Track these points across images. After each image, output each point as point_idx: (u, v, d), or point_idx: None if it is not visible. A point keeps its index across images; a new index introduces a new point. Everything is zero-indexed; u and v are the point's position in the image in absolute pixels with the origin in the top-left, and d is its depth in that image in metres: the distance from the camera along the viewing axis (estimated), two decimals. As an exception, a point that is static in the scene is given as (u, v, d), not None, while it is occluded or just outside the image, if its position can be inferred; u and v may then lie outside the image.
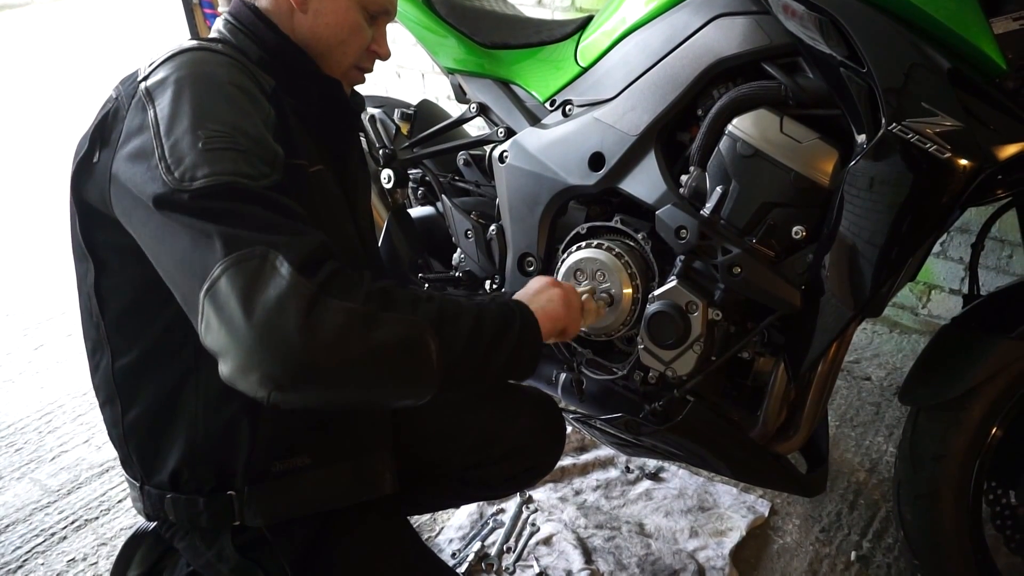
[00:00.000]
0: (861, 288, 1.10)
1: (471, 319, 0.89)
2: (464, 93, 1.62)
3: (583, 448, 1.94)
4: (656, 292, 1.25)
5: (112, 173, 0.86)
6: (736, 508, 1.74)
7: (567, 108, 1.41)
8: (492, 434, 1.31)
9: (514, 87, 1.53)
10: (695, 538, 1.66)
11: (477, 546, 1.64)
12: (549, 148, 1.39)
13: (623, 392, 1.43)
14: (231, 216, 0.79)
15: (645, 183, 1.28)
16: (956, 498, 1.25)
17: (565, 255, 1.38)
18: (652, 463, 1.88)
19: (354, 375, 0.79)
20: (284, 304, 0.74)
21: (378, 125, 1.80)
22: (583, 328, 1.18)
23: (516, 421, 1.33)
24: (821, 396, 1.28)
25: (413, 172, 1.76)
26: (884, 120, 1.01)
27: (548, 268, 1.45)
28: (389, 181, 1.72)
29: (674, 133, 1.31)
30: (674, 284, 1.23)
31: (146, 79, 0.88)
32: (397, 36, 1.21)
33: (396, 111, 1.77)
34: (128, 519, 1.79)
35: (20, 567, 1.68)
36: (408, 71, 3.26)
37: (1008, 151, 0.98)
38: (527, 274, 1.47)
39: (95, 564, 1.68)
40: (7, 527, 1.79)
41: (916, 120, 0.99)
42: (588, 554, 1.60)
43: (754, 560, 1.63)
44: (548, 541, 1.65)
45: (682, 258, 1.24)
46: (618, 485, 1.82)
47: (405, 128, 1.76)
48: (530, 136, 1.43)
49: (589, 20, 1.50)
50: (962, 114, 0.97)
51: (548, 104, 1.46)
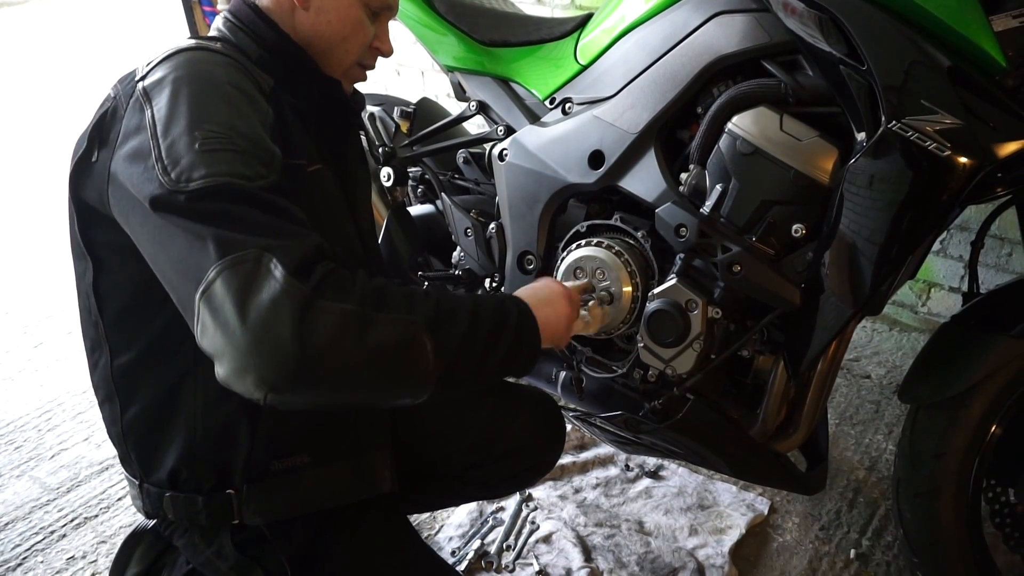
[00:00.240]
0: (861, 286, 1.10)
1: (467, 315, 0.89)
2: (464, 91, 1.62)
3: (583, 446, 1.94)
4: (656, 290, 1.25)
5: (110, 173, 0.86)
6: (736, 506, 1.74)
7: (567, 106, 1.41)
8: (492, 433, 1.31)
9: (514, 85, 1.53)
10: (695, 536, 1.66)
11: (477, 544, 1.64)
12: (549, 146, 1.39)
13: (623, 390, 1.43)
14: (227, 218, 0.79)
15: (645, 181, 1.28)
16: (955, 496, 1.25)
17: (565, 253, 1.37)
18: (652, 461, 1.88)
19: (350, 376, 0.79)
20: (278, 307, 0.74)
21: (378, 123, 1.80)
22: (590, 332, 1.18)
23: (516, 420, 1.33)
24: (821, 394, 1.28)
25: (413, 170, 1.76)
26: (884, 118, 1.00)
27: (548, 266, 1.45)
28: (389, 179, 1.72)
29: (674, 131, 1.31)
30: (674, 282, 1.23)
31: (144, 79, 0.88)
32: (397, 34, 1.21)
33: (396, 109, 1.77)
34: (128, 517, 1.79)
35: (20, 564, 1.68)
36: (408, 69, 3.26)
37: (1008, 149, 0.97)
38: (527, 272, 1.47)
39: (95, 562, 1.68)
40: (7, 525, 1.79)
41: (916, 118, 0.98)
42: (588, 552, 1.61)
43: (753, 558, 1.63)
44: (548, 539, 1.65)
45: (682, 256, 1.24)
46: (618, 483, 1.82)
47: (405, 126, 1.76)
48: (530, 134, 1.43)
49: (589, 18, 1.49)
50: (962, 112, 0.97)
51: (548, 102, 1.45)
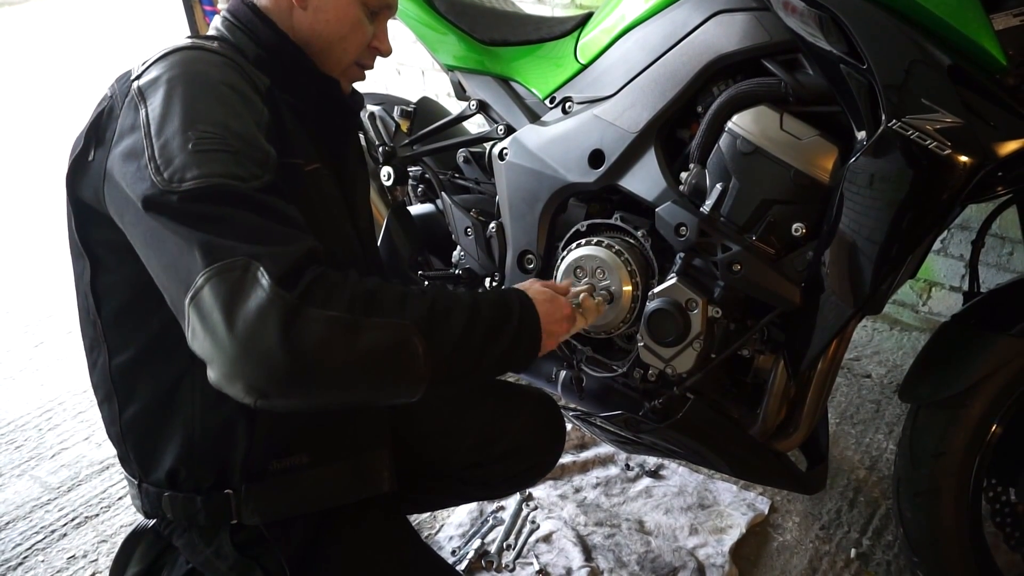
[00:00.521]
0: (861, 285, 1.10)
1: (465, 312, 0.88)
2: (464, 90, 1.62)
3: (583, 445, 1.94)
4: (656, 289, 1.25)
5: (106, 171, 0.86)
6: (736, 505, 1.74)
7: (567, 105, 1.41)
8: (492, 433, 1.31)
9: (514, 84, 1.53)
10: (695, 535, 1.66)
11: (477, 543, 1.64)
12: (549, 145, 1.39)
13: (623, 389, 1.43)
14: (218, 222, 0.79)
15: (645, 180, 1.28)
16: (956, 495, 1.25)
17: (565, 252, 1.37)
18: (652, 460, 1.87)
19: (340, 382, 0.79)
20: (264, 316, 0.74)
21: (378, 122, 1.80)
22: (584, 327, 1.17)
23: (516, 419, 1.33)
24: (821, 393, 1.28)
25: (413, 169, 1.76)
26: (884, 117, 1.00)
27: (548, 265, 1.45)
28: (389, 179, 1.72)
29: (674, 130, 1.31)
30: (674, 281, 1.23)
31: (139, 78, 0.88)
32: (397, 33, 1.21)
33: (396, 108, 1.77)
34: (128, 516, 1.79)
35: (20, 564, 1.68)
36: (408, 68, 3.26)
37: (1008, 148, 0.97)
38: (527, 271, 1.47)
39: (95, 561, 1.69)
40: (7, 524, 1.79)
41: (916, 117, 0.98)
42: (588, 551, 1.60)
43: (754, 557, 1.63)
44: (548, 538, 1.65)
45: (682, 255, 1.24)
46: (618, 482, 1.82)
47: (405, 125, 1.76)
48: (530, 133, 1.43)
49: (589, 17, 1.49)
50: (962, 111, 0.97)
51: (548, 101, 1.45)
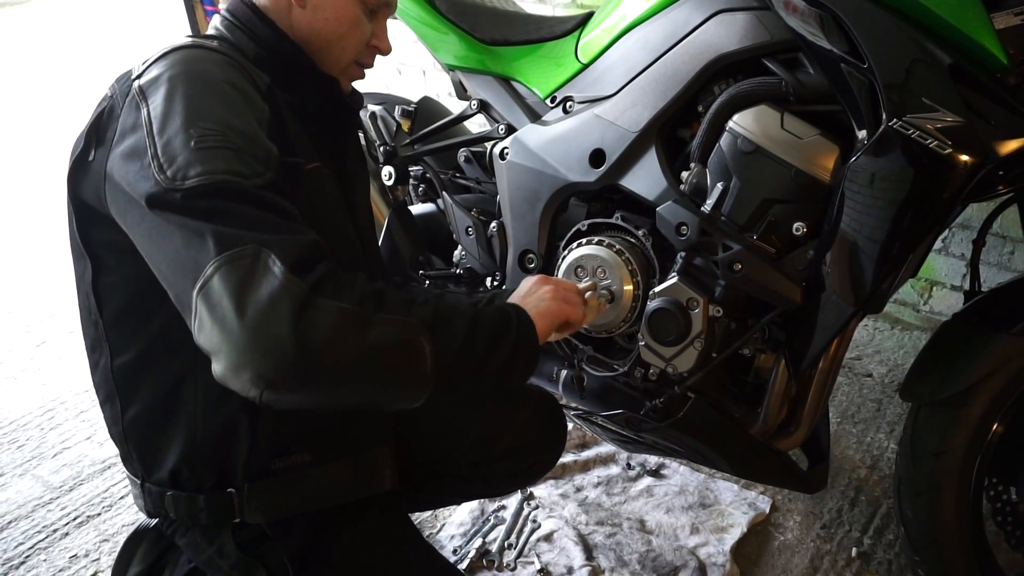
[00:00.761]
0: (862, 284, 1.10)
1: (466, 323, 0.89)
2: (465, 90, 1.62)
3: (584, 445, 1.94)
4: (657, 289, 1.25)
5: (107, 171, 0.86)
6: (737, 505, 1.74)
7: (568, 105, 1.41)
8: (493, 431, 1.31)
9: (515, 84, 1.53)
10: (696, 535, 1.66)
11: (478, 542, 1.64)
12: (550, 145, 1.39)
13: (624, 389, 1.43)
14: (223, 215, 0.78)
15: (646, 180, 1.28)
16: (957, 494, 1.25)
17: (566, 252, 1.38)
18: (653, 460, 1.88)
19: (347, 376, 0.78)
20: (276, 304, 0.74)
21: (379, 122, 1.80)
22: (585, 324, 1.17)
23: (517, 418, 1.33)
24: (822, 393, 1.28)
25: (414, 169, 1.76)
26: (885, 116, 1.00)
27: (549, 265, 1.45)
28: (390, 178, 1.72)
29: (675, 129, 1.31)
30: (675, 281, 1.23)
31: (140, 77, 0.88)
32: (398, 33, 1.21)
33: (397, 108, 1.77)
34: (130, 515, 1.80)
35: (23, 563, 1.69)
36: (409, 68, 3.26)
37: (1009, 147, 0.97)
38: (528, 271, 1.47)
39: (97, 560, 1.69)
40: (9, 523, 1.80)
41: (917, 116, 0.98)
42: (589, 550, 1.61)
43: (755, 556, 1.63)
44: (549, 537, 1.65)
45: (683, 255, 1.24)
46: (619, 482, 1.82)
47: (406, 125, 1.76)
48: (531, 133, 1.43)
49: (590, 16, 1.49)
50: (963, 110, 0.97)
51: (549, 101, 1.45)
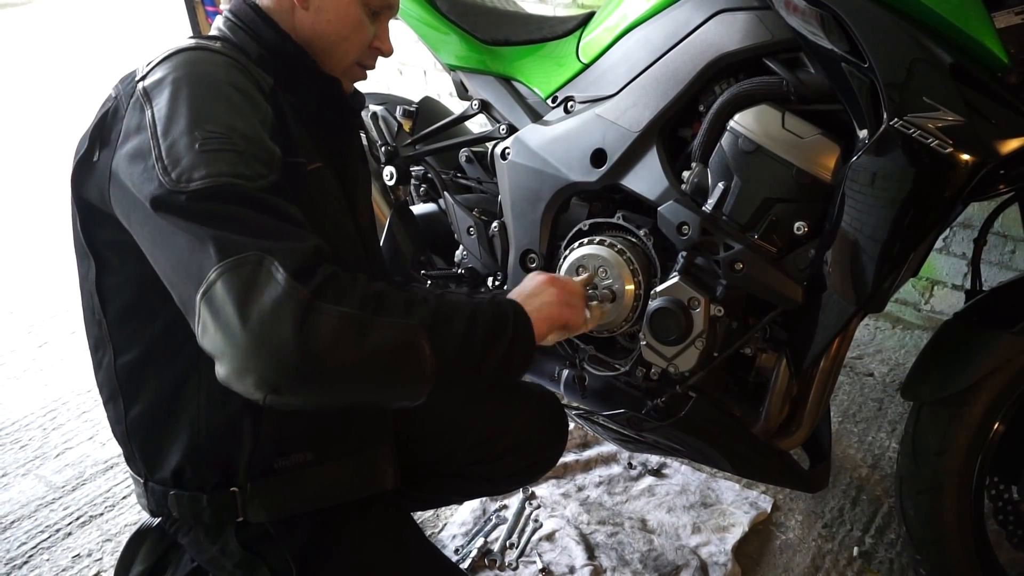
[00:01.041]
0: (863, 284, 1.10)
1: (465, 320, 0.89)
2: (466, 90, 1.62)
3: (586, 444, 1.94)
4: (658, 288, 1.25)
5: (112, 172, 0.86)
6: (738, 504, 1.74)
7: (569, 105, 1.41)
8: (494, 430, 1.31)
9: (516, 84, 1.53)
10: (697, 534, 1.66)
11: (480, 542, 1.65)
12: (551, 145, 1.40)
13: (625, 388, 1.43)
14: (227, 219, 0.79)
15: (647, 179, 1.28)
16: (958, 493, 1.25)
17: (567, 251, 1.38)
18: (655, 459, 1.88)
19: (348, 378, 0.80)
20: (279, 310, 0.75)
21: (380, 122, 1.80)
22: (587, 329, 1.17)
23: (518, 416, 1.34)
24: (823, 392, 1.28)
25: (415, 169, 1.76)
26: (886, 115, 1.00)
27: (550, 264, 1.45)
28: (391, 178, 1.72)
29: (676, 129, 1.31)
30: (676, 280, 1.24)
31: (144, 79, 0.89)
32: (399, 33, 1.21)
33: (398, 108, 1.77)
34: (133, 515, 1.80)
35: (25, 563, 1.69)
36: (410, 68, 3.26)
37: (1010, 146, 0.97)
38: (529, 271, 1.47)
39: (100, 560, 1.69)
40: (12, 523, 1.80)
41: (918, 115, 0.98)
42: (591, 550, 1.61)
43: (756, 556, 1.63)
44: (551, 537, 1.65)
45: (684, 254, 1.24)
46: (621, 481, 1.83)
47: (407, 125, 1.76)
48: (532, 133, 1.43)
49: (591, 16, 1.49)
50: (964, 109, 0.97)
51: (550, 101, 1.45)
